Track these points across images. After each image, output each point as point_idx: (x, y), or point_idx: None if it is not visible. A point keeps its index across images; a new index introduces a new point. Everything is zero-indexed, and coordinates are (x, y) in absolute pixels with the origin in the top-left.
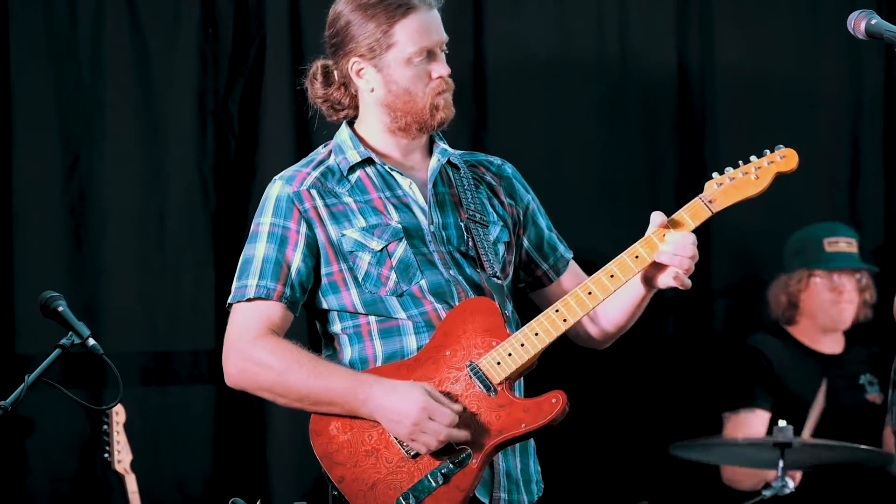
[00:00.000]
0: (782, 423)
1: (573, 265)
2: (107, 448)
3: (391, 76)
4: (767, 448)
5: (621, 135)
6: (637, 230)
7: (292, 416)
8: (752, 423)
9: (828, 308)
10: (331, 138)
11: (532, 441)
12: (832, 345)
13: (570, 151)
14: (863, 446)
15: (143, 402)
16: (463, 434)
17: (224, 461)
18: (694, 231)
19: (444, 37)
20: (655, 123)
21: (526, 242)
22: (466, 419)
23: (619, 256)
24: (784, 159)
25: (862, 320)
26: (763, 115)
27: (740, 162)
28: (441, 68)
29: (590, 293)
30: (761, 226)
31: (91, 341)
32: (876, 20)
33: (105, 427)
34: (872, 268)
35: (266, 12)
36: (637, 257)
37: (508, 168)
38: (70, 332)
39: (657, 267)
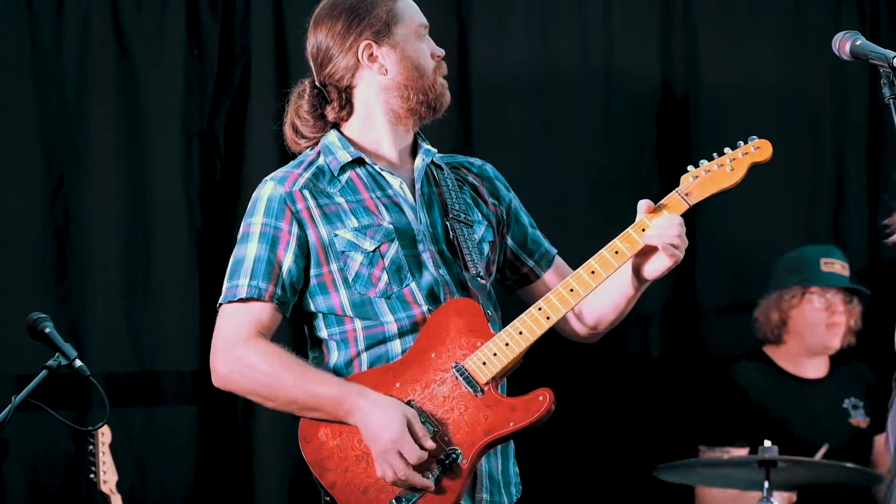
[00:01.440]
0: (767, 443)
1: (559, 260)
2: (92, 469)
3: (405, 51)
4: (753, 468)
5: (606, 152)
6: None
7: (277, 437)
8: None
9: (818, 328)
10: None
11: (511, 443)
12: (815, 369)
13: (556, 169)
14: (848, 464)
15: (129, 422)
16: (426, 484)
17: (209, 481)
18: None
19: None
20: (640, 140)
21: (510, 241)
22: (454, 420)
23: (599, 252)
24: (758, 150)
25: (845, 347)
26: (747, 134)
27: (714, 154)
28: (437, 49)
29: (571, 290)
30: (746, 246)
31: (78, 362)
32: (861, 41)
33: (91, 447)
34: (865, 290)
35: (252, 34)
36: (617, 252)
37: (489, 168)
38: (57, 354)
39: (644, 258)
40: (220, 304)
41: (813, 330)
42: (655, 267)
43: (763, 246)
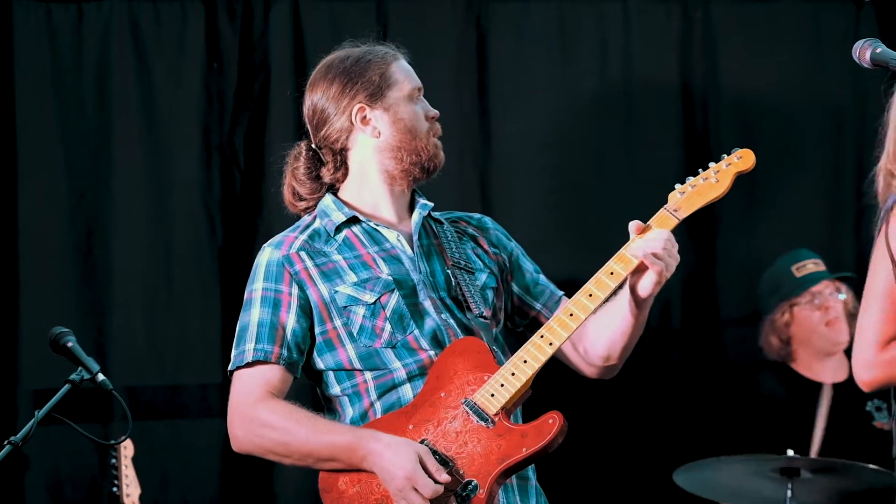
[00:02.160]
0: (790, 452)
1: (566, 301)
2: (115, 482)
3: (397, 113)
4: (775, 478)
5: (627, 162)
6: None
7: None
8: None
9: (820, 330)
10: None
11: (533, 479)
12: (835, 373)
13: (577, 179)
14: (872, 466)
15: (152, 436)
16: None
17: (232, 495)
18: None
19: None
20: (661, 150)
21: (515, 287)
22: (468, 453)
23: (596, 275)
24: (741, 159)
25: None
26: (767, 143)
27: (699, 170)
28: (431, 110)
29: (571, 315)
30: (768, 255)
31: (100, 376)
32: (881, 49)
33: (113, 461)
34: (848, 274)
35: (270, 46)
36: (612, 273)
37: (488, 220)
38: (79, 368)
39: (638, 276)
40: (231, 372)
41: (816, 335)
42: (645, 284)
43: (784, 254)
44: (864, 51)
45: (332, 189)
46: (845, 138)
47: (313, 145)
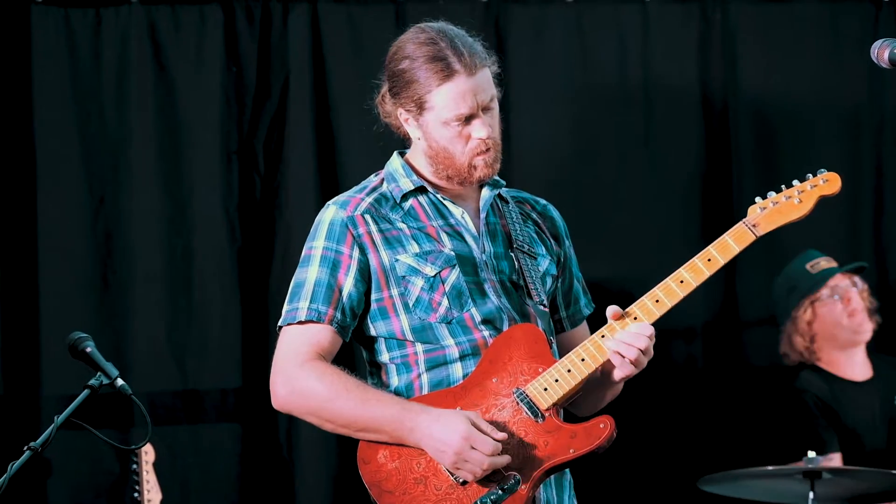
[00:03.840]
0: (812, 453)
1: (584, 326)
2: (136, 487)
3: (430, 134)
4: (797, 480)
5: (646, 163)
6: (668, 252)
7: (320, 455)
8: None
9: (843, 322)
10: (360, 175)
11: (568, 473)
12: (862, 370)
13: (595, 177)
14: (894, 471)
15: (172, 440)
16: (505, 460)
17: (252, 500)
18: (740, 253)
19: (488, 97)
20: (680, 151)
21: (558, 284)
22: (514, 446)
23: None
24: (827, 183)
25: (875, 328)
26: (786, 143)
27: (783, 186)
28: (480, 130)
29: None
30: (786, 255)
31: (119, 381)
32: None
33: (134, 466)
34: (861, 264)
35: (289, 51)
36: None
37: (553, 210)
38: (98, 373)
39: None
40: (280, 327)
41: (840, 327)
42: (617, 374)
43: (793, 258)
44: (883, 51)
45: (401, 151)
46: (863, 139)
47: None
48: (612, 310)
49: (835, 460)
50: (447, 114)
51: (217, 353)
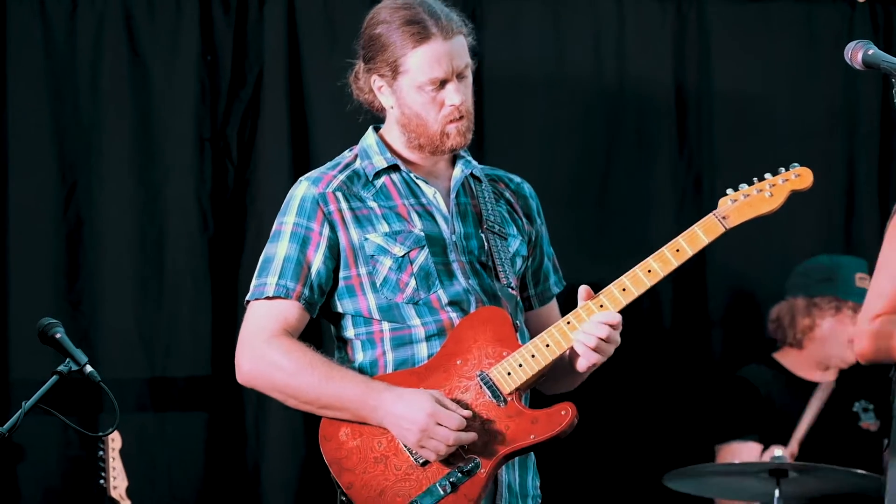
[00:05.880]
0: (778, 451)
1: (553, 304)
2: (102, 474)
3: (404, 100)
4: (763, 477)
5: (619, 156)
6: (633, 249)
7: (286, 443)
8: (742, 455)
9: (841, 341)
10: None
11: (532, 456)
12: (824, 373)
13: (568, 172)
14: (860, 471)
15: (140, 428)
16: (471, 437)
17: (218, 487)
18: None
19: (463, 63)
20: (653, 146)
21: (528, 262)
22: (476, 428)
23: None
24: (799, 177)
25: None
26: (759, 142)
27: (755, 179)
28: (454, 96)
29: (601, 306)
30: (757, 255)
31: (88, 368)
32: (873, 51)
33: (101, 453)
34: None
35: (264, 40)
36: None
37: (527, 188)
38: (67, 359)
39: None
40: (248, 301)
41: (836, 342)
42: (581, 363)
43: (774, 254)
44: (857, 52)
45: (378, 122)
46: (836, 137)
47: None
48: (583, 289)
49: (752, 449)
50: (422, 77)
51: (187, 342)
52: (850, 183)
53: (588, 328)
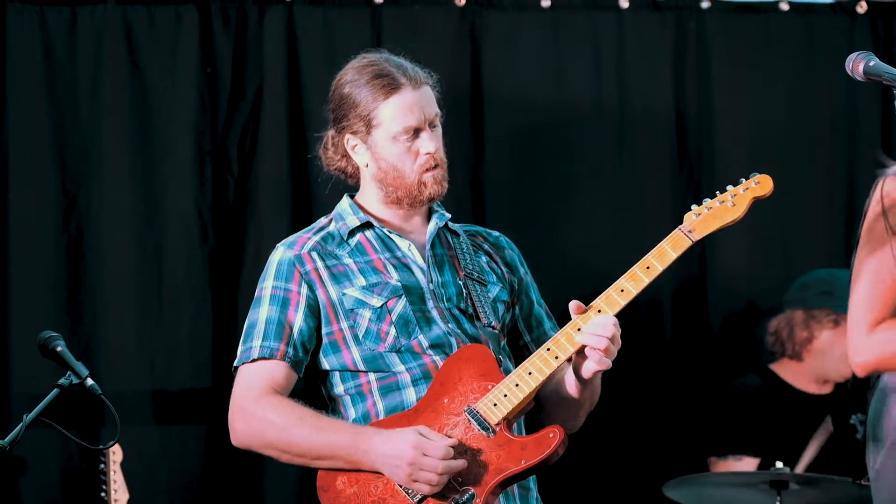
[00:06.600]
0: (779, 464)
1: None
2: (103, 487)
3: (379, 153)
4: (764, 489)
5: (620, 177)
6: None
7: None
8: (738, 469)
9: (839, 355)
10: (332, 178)
11: (534, 489)
12: (821, 386)
13: (568, 193)
14: (862, 482)
15: (141, 440)
16: (460, 464)
17: (218, 501)
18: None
19: (433, 112)
20: (654, 166)
21: (517, 311)
22: (468, 461)
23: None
24: (759, 185)
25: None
26: (759, 154)
27: (717, 192)
28: (428, 145)
29: (579, 329)
30: (758, 267)
31: (89, 381)
32: (874, 62)
33: (102, 466)
34: None
35: (264, 53)
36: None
37: (504, 240)
38: (68, 372)
39: (580, 358)
40: (236, 368)
41: (833, 356)
42: (587, 368)
43: (775, 268)
44: (858, 64)
45: (352, 189)
46: (837, 150)
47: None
48: (574, 304)
49: (748, 463)
50: (395, 126)
51: (188, 354)
52: (850, 196)
53: (593, 329)
